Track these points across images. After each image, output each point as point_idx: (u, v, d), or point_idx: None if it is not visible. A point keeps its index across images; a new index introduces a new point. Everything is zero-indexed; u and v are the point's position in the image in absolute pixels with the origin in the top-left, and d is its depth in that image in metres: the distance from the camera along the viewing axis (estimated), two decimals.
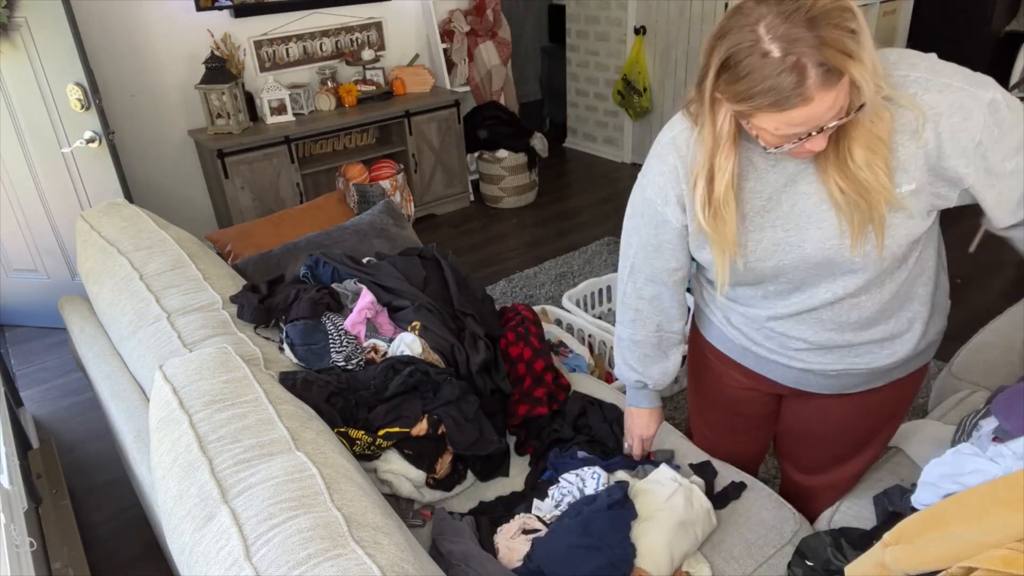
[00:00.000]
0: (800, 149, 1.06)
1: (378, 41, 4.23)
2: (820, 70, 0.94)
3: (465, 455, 1.55)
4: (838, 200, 1.11)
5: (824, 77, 0.94)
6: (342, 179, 4.01)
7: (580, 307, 2.85)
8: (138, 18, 3.44)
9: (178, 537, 1.02)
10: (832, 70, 0.94)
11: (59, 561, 1.86)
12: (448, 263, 2.01)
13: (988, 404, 1.57)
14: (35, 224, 3.12)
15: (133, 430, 1.48)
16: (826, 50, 0.93)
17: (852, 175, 1.08)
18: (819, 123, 1.00)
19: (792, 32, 0.93)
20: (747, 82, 0.97)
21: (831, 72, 0.94)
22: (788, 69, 0.94)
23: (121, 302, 1.67)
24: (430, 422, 1.51)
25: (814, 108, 0.97)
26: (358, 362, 1.72)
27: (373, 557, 0.91)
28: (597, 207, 4.47)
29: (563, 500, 1.44)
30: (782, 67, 0.94)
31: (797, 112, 0.98)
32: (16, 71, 2.77)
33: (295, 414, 1.22)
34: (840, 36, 0.93)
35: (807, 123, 1.00)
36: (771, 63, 0.95)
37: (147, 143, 3.66)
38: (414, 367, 1.62)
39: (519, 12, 6.46)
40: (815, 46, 0.93)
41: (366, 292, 1.86)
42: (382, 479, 1.49)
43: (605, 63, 5.05)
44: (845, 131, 1.05)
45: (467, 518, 1.45)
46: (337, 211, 2.75)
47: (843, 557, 1.29)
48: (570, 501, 1.42)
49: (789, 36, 0.94)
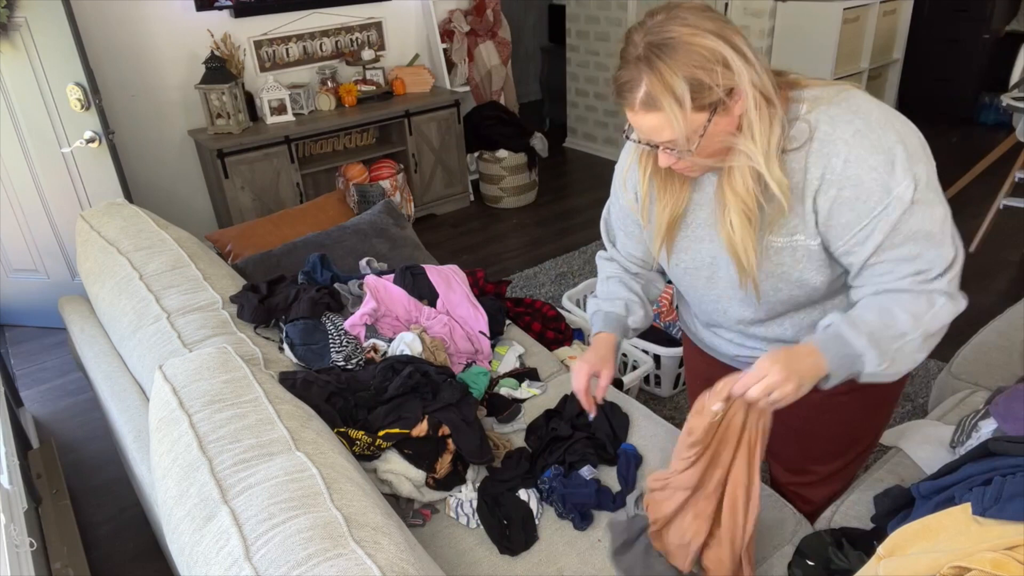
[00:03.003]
0: (671, 166, 1.12)
1: (378, 41, 4.23)
2: (643, 91, 1.01)
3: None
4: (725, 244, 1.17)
5: (644, 99, 1.02)
6: (342, 179, 4.01)
7: (580, 307, 2.85)
8: (138, 18, 3.44)
9: (178, 537, 1.02)
10: (651, 99, 1.01)
11: (59, 561, 1.86)
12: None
13: (987, 405, 1.57)
14: (35, 224, 3.12)
15: (133, 430, 1.48)
16: (655, 81, 0.99)
17: (727, 235, 1.13)
18: (650, 138, 1.07)
19: (655, 42, 1.00)
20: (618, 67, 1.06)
21: (650, 99, 1.01)
22: (632, 68, 1.02)
23: (121, 302, 1.67)
24: (431, 423, 1.51)
25: (638, 120, 1.05)
26: (358, 362, 1.72)
27: (373, 557, 0.91)
28: (597, 207, 4.45)
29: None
30: (630, 65, 1.02)
31: (631, 115, 1.06)
32: (16, 71, 2.77)
33: (295, 414, 1.22)
34: (673, 78, 0.98)
35: (641, 131, 1.07)
36: (629, 56, 1.03)
37: (147, 143, 3.66)
38: (413, 367, 1.62)
39: (519, 12, 6.46)
40: (651, 70, 0.99)
41: (369, 299, 1.86)
42: (382, 479, 1.49)
43: (605, 63, 5.05)
44: (722, 187, 1.11)
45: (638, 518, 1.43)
46: (337, 211, 2.75)
47: (844, 556, 1.29)
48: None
49: (650, 45, 1.00)
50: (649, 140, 1.08)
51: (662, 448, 1.69)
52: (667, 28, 1.00)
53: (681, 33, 0.98)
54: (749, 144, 1.04)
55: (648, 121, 1.03)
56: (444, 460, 1.52)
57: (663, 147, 1.08)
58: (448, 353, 1.83)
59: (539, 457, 1.64)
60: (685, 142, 1.04)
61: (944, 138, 5.35)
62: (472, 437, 1.53)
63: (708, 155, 1.08)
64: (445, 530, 1.49)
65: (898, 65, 4.34)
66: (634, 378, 2.34)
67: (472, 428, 1.55)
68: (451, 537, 1.47)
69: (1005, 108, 3.51)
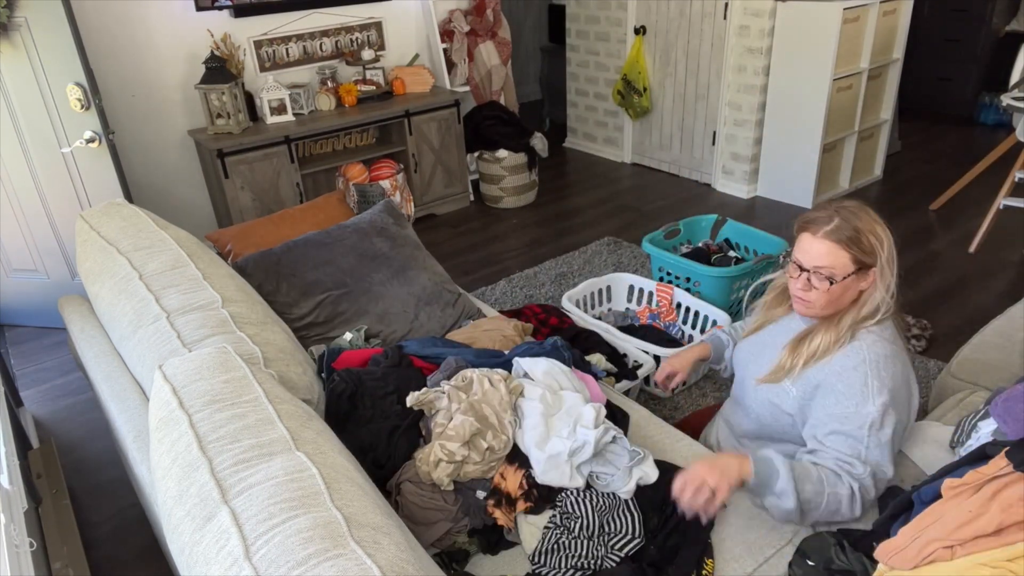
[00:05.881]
0: (799, 291, 1.47)
1: (378, 41, 4.23)
2: (842, 232, 1.39)
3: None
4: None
5: (837, 234, 1.40)
6: (342, 179, 4.01)
7: (580, 307, 2.85)
8: (138, 18, 3.44)
9: (178, 537, 1.02)
10: (848, 241, 1.39)
11: (59, 561, 1.86)
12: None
13: (987, 405, 1.57)
14: (35, 224, 3.12)
15: (133, 430, 1.48)
16: (862, 236, 1.40)
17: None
18: (810, 261, 1.42)
19: (856, 214, 1.43)
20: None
21: (847, 241, 1.39)
22: (829, 212, 1.43)
23: (121, 302, 1.67)
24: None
25: (811, 243, 1.42)
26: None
27: (373, 557, 0.91)
28: (597, 207, 4.47)
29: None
30: (828, 210, 1.44)
31: (804, 236, 1.44)
32: (16, 71, 2.77)
33: (295, 414, 1.22)
34: (873, 247, 1.40)
35: (804, 253, 1.44)
36: (824, 207, 1.46)
37: (147, 143, 3.66)
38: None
39: (519, 12, 6.46)
40: (857, 226, 1.41)
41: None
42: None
43: (605, 63, 5.05)
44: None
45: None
46: (337, 211, 2.75)
47: (845, 557, 1.29)
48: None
49: (850, 210, 1.44)
50: (807, 263, 1.44)
51: (662, 449, 1.70)
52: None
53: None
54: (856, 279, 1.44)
55: (825, 246, 1.41)
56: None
57: (812, 272, 1.44)
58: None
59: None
60: (844, 296, 1.45)
61: (944, 138, 5.35)
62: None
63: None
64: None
65: (898, 65, 4.33)
66: (635, 386, 2.34)
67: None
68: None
69: (1005, 108, 3.51)
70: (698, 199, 4.53)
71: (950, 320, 3.02)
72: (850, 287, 1.43)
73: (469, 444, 1.44)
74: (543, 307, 2.51)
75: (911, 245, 3.69)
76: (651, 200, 4.54)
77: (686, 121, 4.71)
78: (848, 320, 1.44)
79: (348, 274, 2.17)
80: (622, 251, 3.80)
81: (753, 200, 4.47)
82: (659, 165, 5.02)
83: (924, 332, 2.88)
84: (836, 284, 1.41)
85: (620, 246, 3.84)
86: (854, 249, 1.39)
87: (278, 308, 2.03)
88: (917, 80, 5.81)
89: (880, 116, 4.49)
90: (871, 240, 1.40)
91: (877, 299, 1.43)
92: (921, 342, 2.84)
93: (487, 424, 1.48)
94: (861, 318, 1.44)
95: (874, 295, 1.43)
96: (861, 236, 1.39)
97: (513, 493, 1.44)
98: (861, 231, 1.40)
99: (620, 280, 2.98)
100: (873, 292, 1.43)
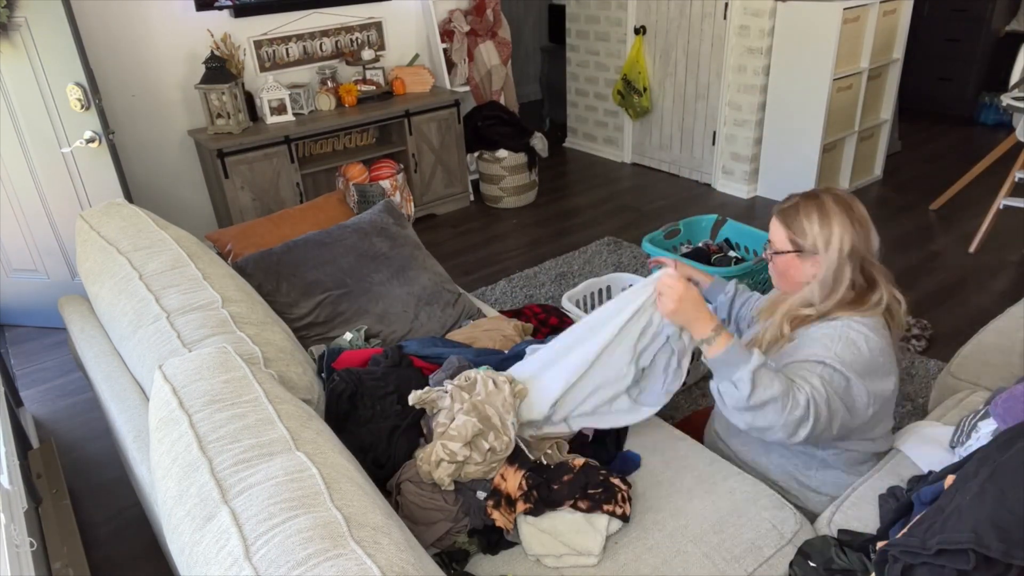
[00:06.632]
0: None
1: (378, 41, 4.23)
2: (787, 212, 1.48)
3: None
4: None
5: (783, 213, 1.50)
6: (342, 179, 4.01)
7: (580, 307, 2.85)
8: (138, 18, 3.44)
9: (178, 537, 1.02)
10: (784, 219, 1.49)
11: (59, 561, 1.86)
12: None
13: (987, 405, 1.57)
14: (35, 224, 3.12)
15: (133, 430, 1.48)
16: (798, 217, 1.46)
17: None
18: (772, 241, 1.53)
19: (815, 199, 1.48)
20: None
21: (783, 218, 1.49)
22: (799, 194, 1.50)
23: (121, 302, 1.67)
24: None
25: (773, 226, 1.53)
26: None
27: (373, 557, 0.91)
28: (597, 207, 4.47)
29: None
30: (801, 193, 1.51)
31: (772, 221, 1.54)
32: (16, 71, 2.77)
33: (295, 414, 1.22)
34: (804, 229, 1.45)
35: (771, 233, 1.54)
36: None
37: (147, 143, 3.66)
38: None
39: (519, 12, 6.46)
40: (800, 206, 1.47)
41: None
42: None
43: (605, 63, 5.05)
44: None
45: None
46: (337, 211, 2.75)
47: (845, 557, 1.29)
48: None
49: (813, 194, 1.49)
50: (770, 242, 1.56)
51: (661, 449, 1.69)
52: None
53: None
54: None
55: (778, 231, 1.51)
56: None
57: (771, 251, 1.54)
58: None
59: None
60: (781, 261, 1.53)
61: (944, 138, 5.35)
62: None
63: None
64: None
65: (898, 65, 4.33)
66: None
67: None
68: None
69: (1005, 108, 3.51)
70: (698, 199, 4.53)
71: (950, 320, 3.02)
72: (792, 265, 1.48)
73: (471, 445, 1.44)
74: (543, 307, 2.51)
75: (911, 245, 3.69)
76: (651, 200, 4.54)
77: (686, 121, 4.71)
78: (784, 308, 1.50)
79: (348, 274, 2.17)
80: (622, 251, 3.80)
81: (753, 200, 4.47)
82: (659, 165, 5.02)
83: (924, 332, 2.88)
84: (778, 258, 1.50)
85: (620, 246, 3.84)
86: (788, 229, 1.47)
87: (278, 308, 2.03)
88: (917, 80, 5.81)
89: (880, 116, 4.49)
90: (804, 224, 1.44)
91: (814, 289, 1.45)
92: (921, 342, 2.84)
93: (489, 425, 1.48)
94: (795, 306, 1.48)
95: (812, 284, 1.46)
96: (797, 217, 1.45)
97: (513, 494, 1.44)
98: (799, 212, 1.46)
99: (620, 280, 2.98)
100: (813, 282, 1.46)
